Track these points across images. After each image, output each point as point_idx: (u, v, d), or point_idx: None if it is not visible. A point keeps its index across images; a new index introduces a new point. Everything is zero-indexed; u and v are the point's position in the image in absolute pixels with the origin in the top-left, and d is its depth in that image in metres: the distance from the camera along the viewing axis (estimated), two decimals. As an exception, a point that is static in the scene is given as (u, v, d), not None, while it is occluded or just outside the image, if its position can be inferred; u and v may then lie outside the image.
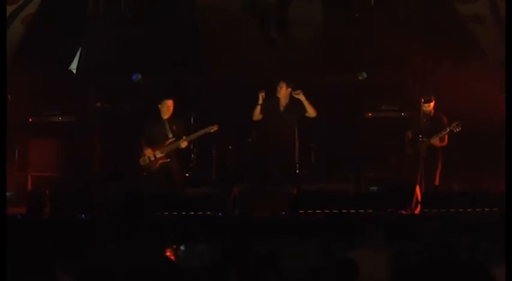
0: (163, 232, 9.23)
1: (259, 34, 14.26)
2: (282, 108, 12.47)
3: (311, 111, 12.30)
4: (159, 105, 12.27)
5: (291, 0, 14.21)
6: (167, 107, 12.23)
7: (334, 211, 10.41)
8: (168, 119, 12.29)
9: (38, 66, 12.62)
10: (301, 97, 12.26)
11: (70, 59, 13.84)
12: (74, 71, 13.83)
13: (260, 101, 12.32)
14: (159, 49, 13.83)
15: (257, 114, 12.38)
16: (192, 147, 13.16)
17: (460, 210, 10.44)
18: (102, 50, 13.76)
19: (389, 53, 13.15)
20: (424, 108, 11.86)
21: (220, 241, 8.84)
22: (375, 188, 11.72)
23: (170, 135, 12.21)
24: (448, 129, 11.82)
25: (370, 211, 10.40)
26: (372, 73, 13.57)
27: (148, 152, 12.17)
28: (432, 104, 12.02)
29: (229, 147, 13.51)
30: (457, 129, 11.79)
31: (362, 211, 10.44)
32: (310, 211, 10.42)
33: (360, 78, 13.63)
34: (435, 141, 11.85)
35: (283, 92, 12.40)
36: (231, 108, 13.18)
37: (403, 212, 10.40)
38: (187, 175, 13.23)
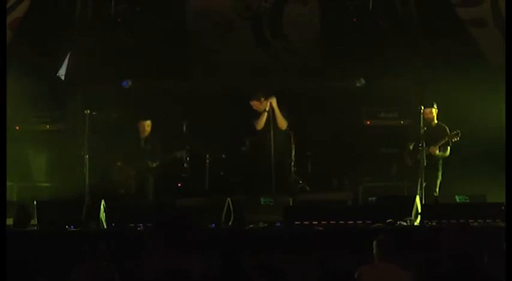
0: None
1: (254, 38, 14.05)
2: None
3: (281, 124, 12.07)
4: (137, 124, 12.49)
5: (286, 3, 13.99)
6: (144, 127, 12.51)
7: (331, 222, 10.19)
8: (145, 138, 12.52)
9: (25, 71, 12.33)
10: (274, 105, 12.02)
11: (58, 65, 13.57)
12: (63, 77, 13.62)
13: (268, 108, 12.00)
14: (149, 54, 13.76)
15: (262, 122, 12.02)
16: (185, 156, 13.08)
17: (461, 221, 10.15)
18: (91, 56, 13.65)
19: (389, 58, 12.98)
20: (424, 116, 11.62)
21: (213, 253, 8.63)
22: (373, 198, 11.45)
23: (144, 154, 12.45)
24: (446, 139, 11.66)
25: (369, 222, 10.18)
26: (371, 79, 13.35)
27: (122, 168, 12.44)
28: (434, 111, 11.80)
29: (223, 156, 13.26)
30: (456, 139, 11.65)
31: (360, 222, 10.23)
32: (307, 222, 10.20)
33: (358, 84, 13.53)
34: (433, 150, 11.63)
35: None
36: (224, 116, 12.94)
37: (403, 223, 10.18)
38: (179, 184, 13.15)
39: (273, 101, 12.02)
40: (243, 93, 12.41)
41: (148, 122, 12.38)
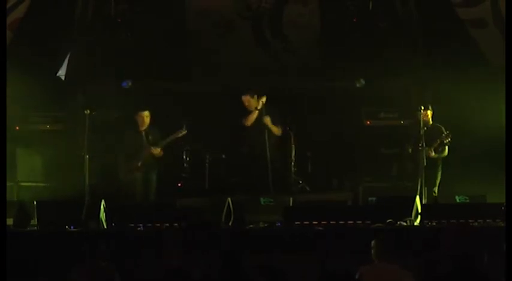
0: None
1: (254, 38, 14.05)
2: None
3: (276, 133, 12.20)
4: (135, 117, 12.35)
5: (286, 3, 13.98)
6: (143, 119, 12.33)
7: (331, 222, 10.17)
8: (145, 130, 12.38)
9: (25, 71, 12.31)
10: (267, 122, 12.12)
11: (58, 65, 13.56)
12: (63, 77, 13.59)
13: (260, 107, 12.03)
14: (149, 54, 13.75)
15: (251, 119, 12.06)
16: (185, 156, 13.14)
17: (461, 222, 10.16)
18: (91, 56, 13.64)
19: (389, 58, 12.98)
20: (422, 117, 11.64)
21: (213, 253, 8.67)
22: (373, 198, 11.44)
23: (146, 145, 12.30)
24: (438, 141, 11.69)
25: (369, 222, 10.17)
26: (371, 79, 13.35)
27: (126, 164, 12.30)
28: (429, 113, 11.88)
29: (223, 156, 13.24)
30: (448, 140, 11.68)
31: (360, 222, 10.21)
32: (307, 222, 10.18)
33: (358, 84, 13.53)
34: (428, 153, 11.65)
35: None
36: (224, 116, 12.94)
37: (403, 223, 10.17)
38: (179, 184, 13.14)
39: (267, 120, 12.05)
40: (243, 93, 12.42)
41: (146, 113, 12.29)
